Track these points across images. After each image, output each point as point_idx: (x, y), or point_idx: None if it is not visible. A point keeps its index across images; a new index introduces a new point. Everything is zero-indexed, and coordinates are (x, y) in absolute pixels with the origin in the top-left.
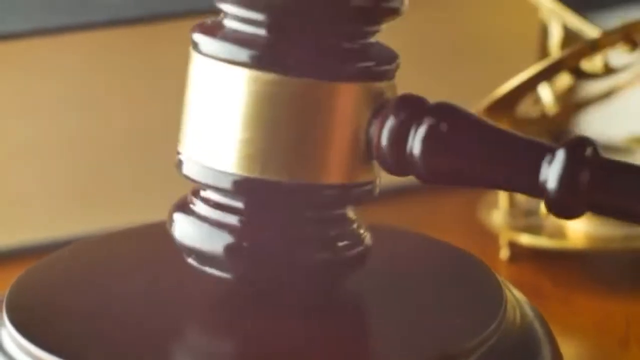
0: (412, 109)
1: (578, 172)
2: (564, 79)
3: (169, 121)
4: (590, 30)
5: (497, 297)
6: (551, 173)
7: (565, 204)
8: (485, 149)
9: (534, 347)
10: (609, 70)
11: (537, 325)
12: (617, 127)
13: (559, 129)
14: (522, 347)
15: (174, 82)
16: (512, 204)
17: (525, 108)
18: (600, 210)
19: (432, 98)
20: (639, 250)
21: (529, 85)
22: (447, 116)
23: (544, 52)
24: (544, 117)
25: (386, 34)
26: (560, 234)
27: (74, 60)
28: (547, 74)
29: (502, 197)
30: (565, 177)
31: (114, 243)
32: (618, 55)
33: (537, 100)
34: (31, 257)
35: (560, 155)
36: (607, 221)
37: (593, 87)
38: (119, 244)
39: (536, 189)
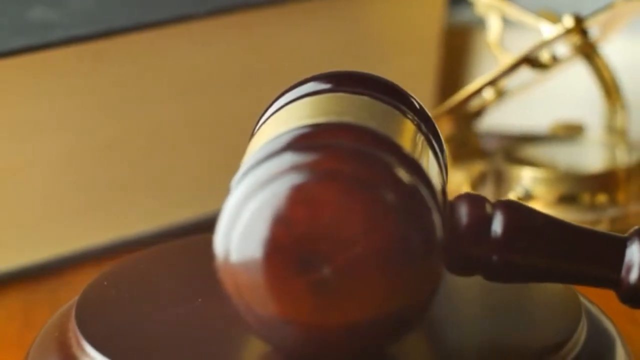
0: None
1: None
2: None
3: (131, 136)
4: (531, 20)
5: (572, 296)
6: (634, 264)
7: None
8: (564, 246)
9: (612, 341)
10: (555, 61)
11: (605, 318)
12: (540, 115)
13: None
14: (603, 344)
15: (125, 96)
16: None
17: None
18: None
19: None
20: None
21: (490, 83)
22: (519, 213)
23: (447, 50)
24: (482, 109)
25: (289, 34)
26: None
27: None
28: (511, 70)
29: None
30: None
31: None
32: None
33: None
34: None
35: (638, 246)
36: (574, 207)
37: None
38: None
39: (610, 281)
